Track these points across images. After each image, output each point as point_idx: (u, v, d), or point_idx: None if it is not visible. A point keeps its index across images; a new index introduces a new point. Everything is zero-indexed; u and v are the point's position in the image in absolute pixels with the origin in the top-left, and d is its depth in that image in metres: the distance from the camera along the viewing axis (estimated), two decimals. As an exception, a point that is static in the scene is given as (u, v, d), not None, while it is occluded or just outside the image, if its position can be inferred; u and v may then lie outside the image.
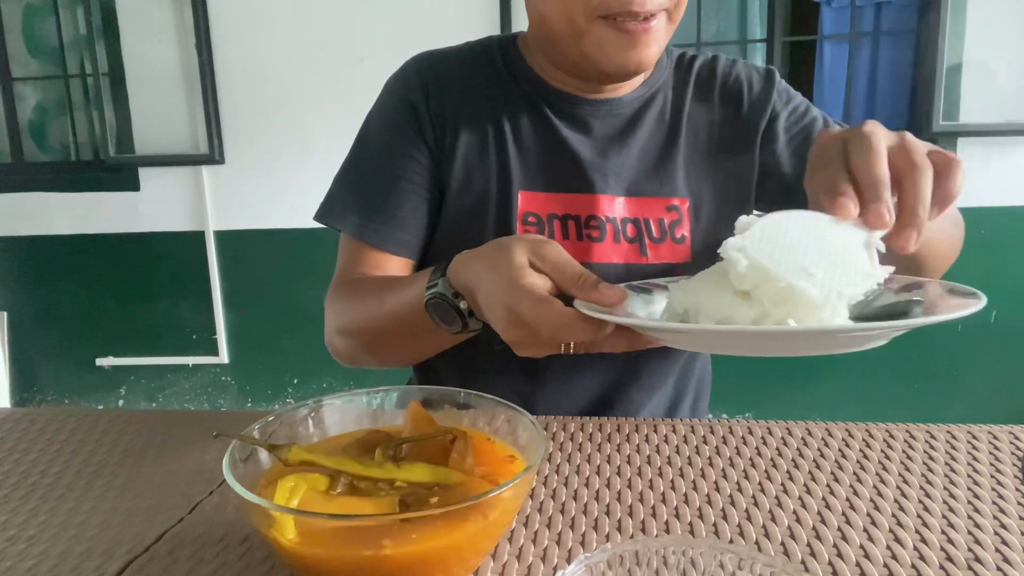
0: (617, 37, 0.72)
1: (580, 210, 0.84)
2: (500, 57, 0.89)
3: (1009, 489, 0.61)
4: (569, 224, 0.83)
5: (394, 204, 0.85)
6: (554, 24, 0.75)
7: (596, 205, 0.84)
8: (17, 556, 0.55)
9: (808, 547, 0.53)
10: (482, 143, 0.85)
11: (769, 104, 0.89)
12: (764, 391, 2.74)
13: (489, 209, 0.84)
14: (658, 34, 0.74)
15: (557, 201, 0.84)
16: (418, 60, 0.89)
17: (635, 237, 0.85)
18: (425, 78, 0.87)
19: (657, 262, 0.85)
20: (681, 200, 0.86)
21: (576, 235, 0.84)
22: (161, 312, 3.17)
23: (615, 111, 0.86)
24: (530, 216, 0.83)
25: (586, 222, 0.83)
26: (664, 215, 0.85)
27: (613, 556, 0.39)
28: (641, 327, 0.53)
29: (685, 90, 0.89)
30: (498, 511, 0.45)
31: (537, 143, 0.85)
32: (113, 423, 0.81)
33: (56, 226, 3.16)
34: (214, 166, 2.99)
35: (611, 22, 0.71)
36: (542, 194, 0.84)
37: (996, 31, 2.66)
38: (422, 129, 0.85)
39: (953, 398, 2.85)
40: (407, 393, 0.59)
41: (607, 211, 0.84)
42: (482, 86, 0.87)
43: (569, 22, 0.73)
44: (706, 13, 2.91)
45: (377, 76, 0.95)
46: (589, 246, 0.84)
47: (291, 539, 0.42)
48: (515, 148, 0.85)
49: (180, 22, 2.92)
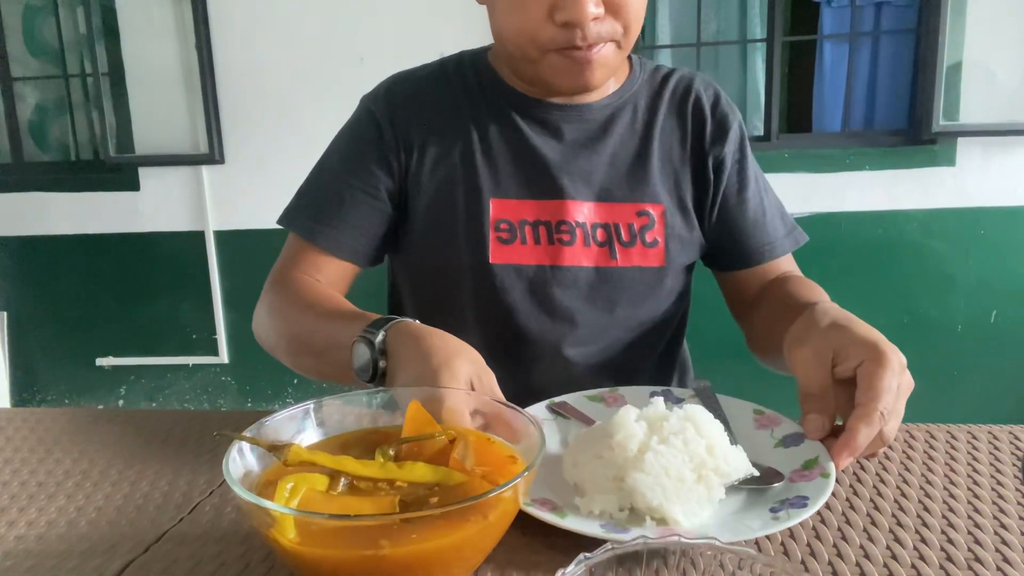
0: (565, 64, 0.78)
1: (550, 215, 0.87)
2: (471, 70, 0.92)
3: (1009, 489, 0.61)
4: (540, 229, 0.87)
5: (346, 210, 0.88)
6: (512, 47, 0.81)
7: (565, 210, 0.87)
8: (18, 556, 0.55)
9: (808, 547, 0.53)
10: (451, 157, 0.88)
11: (726, 141, 0.91)
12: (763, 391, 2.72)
13: (460, 218, 0.87)
14: (606, 59, 0.79)
15: (528, 207, 0.87)
16: (389, 82, 0.93)
17: (605, 241, 0.88)
18: (394, 101, 0.90)
19: (628, 265, 0.88)
20: (654, 206, 0.88)
21: (547, 239, 0.87)
22: (161, 312, 3.17)
23: (585, 116, 0.89)
24: (502, 223, 0.86)
25: (556, 227, 0.87)
26: (634, 220, 0.88)
27: (613, 556, 0.39)
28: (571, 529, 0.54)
29: (659, 101, 0.91)
30: (498, 511, 0.45)
31: (507, 150, 0.88)
32: (113, 423, 0.81)
33: (56, 226, 3.15)
34: (214, 166, 2.99)
35: (560, 52, 0.77)
36: (513, 201, 0.87)
37: (996, 31, 2.66)
38: (386, 149, 0.88)
39: (953, 398, 2.84)
40: (406, 393, 0.59)
41: (576, 216, 0.87)
42: (452, 101, 0.90)
43: (524, 51, 0.79)
44: (706, 13, 2.90)
45: (377, 76, 0.96)
46: (559, 250, 0.87)
47: (291, 539, 0.42)
48: (484, 157, 0.88)
49: (180, 22, 2.92)
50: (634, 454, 0.57)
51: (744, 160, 0.93)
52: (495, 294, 0.88)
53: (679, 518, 0.53)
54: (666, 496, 0.54)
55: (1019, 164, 2.71)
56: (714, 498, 0.56)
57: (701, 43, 2.91)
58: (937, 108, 2.63)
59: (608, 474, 0.57)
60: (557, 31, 0.76)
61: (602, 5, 0.75)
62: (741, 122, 0.94)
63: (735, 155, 0.93)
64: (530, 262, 0.87)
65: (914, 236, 2.78)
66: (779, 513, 0.53)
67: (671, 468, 0.55)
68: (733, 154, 0.92)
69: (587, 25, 0.74)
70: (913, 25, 2.77)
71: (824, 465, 0.59)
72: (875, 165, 2.75)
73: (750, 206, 0.93)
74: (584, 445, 0.61)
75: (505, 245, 0.87)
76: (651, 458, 0.56)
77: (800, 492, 0.56)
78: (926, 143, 2.71)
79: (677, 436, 0.59)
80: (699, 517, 0.54)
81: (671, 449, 0.57)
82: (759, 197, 0.94)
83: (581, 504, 0.56)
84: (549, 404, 0.73)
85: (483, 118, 0.89)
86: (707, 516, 0.55)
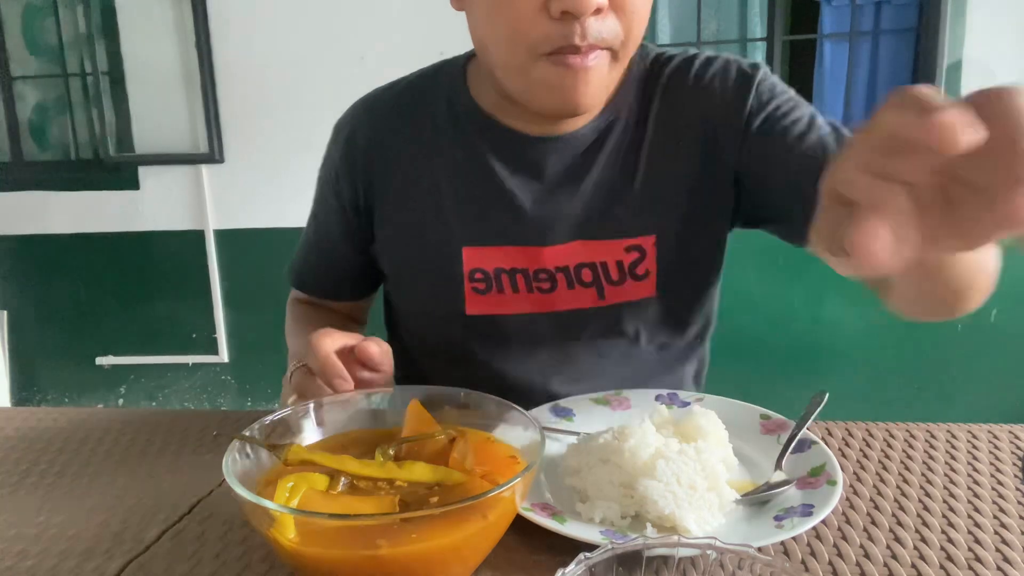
0: (559, 75, 0.68)
1: (527, 263, 0.80)
2: (445, 91, 0.83)
3: (1009, 488, 0.61)
4: (518, 278, 0.80)
5: (322, 264, 0.93)
6: (496, 56, 0.71)
7: (542, 258, 0.79)
8: (17, 556, 0.55)
9: (808, 547, 0.53)
10: (419, 201, 0.82)
11: (744, 109, 0.77)
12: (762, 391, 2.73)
13: (431, 268, 0.82)
14: (600, 72, 0.69)
15: (503, 254, 0.80)
16: (355, 111, 0.87)
17: (591, 281, 0.80)
18: (353, 141, 0.84)
19: (616, 302, 0.81)
20: (645, 238, 0.79)
21: (526, 288, 0.80)
22: (161, 311, 3.17)
23: (570, 146, 0.79)
24: (477, 272, 0.80)
25: (535, 275, 0.80)
26: (623, 256, 0.80)
27: (613, 556, 0.38)
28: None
29: (650, 107, 0.80)
30: (498, 511, 0.45)
31: (479, 195, 0.80)
32: (113, 422, 0.81)
33: (56, 225, 3.15)
34: (214, 165, 2.99)
35: (554, 59, 0.67)
36: (487, 248, 0.80)
37: (996, 30, 2.66)
38: (344, 199, 0.86)
39: (953, 398, 2.84)
40: (406, 392, 0.59)
41: (557, 262, 0.79)
42: (419, 135, 0.82)
43: (512, 57, 0.69)
44: (706, 12, 2.90)
45: (377, 76, 0.95)
46: (540, 298, 0.81)
47: (291, 539, 0.42)
48: (454, 202, 0.81)
49: (180, 21, 2.91)
50: (645, 461, 0.57)
51: (776, 98, 0.78)
52: (474, 343, 0.83)
53: (691, 527, 0.53)
54: (678, 504, 0.53)
55: (1019, 163, 2.71)
56: (726, 506, 0.56)
57: (701, 42, 2.90)
58: (937, 107, 2.63)
59: (615, 481, 0.57)
60: (552, 26, 0.65)
61: None
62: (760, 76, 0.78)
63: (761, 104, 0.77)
64: (510, 312, 0.81)
65: (914, 235, 2.78)
66: (783, 522, 0.53)
67: (682, 476, 0.55)
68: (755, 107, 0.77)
69: (588, 18, 0.65)
70: (913, 24, 2.77)
71: (831, 472, 0.58)
72: (875, 164, 2.75)
73: (804, 115, 0.76)
74: (588, 450, 0.61)
75: (482, 295, 0.81)
76: (663, 465, 0.55)
77: (806, 500, 0.55)
78: None
79: (689, 443, 0.59)
80: (710, 525, 0.54)
81: (682, 456, 0.57)
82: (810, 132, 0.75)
83: (583, 510, 0.56)
84: (553, 407, 0.73)
85: (453, 157, 0.81)
86: (716, 524, 0.55)
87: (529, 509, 0.54)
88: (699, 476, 0.56)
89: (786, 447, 0.63)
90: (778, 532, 0.51)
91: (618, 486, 0.56)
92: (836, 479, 0.57)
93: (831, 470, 0.59)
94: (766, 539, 0.51)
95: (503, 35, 0.68)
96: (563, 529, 0.52)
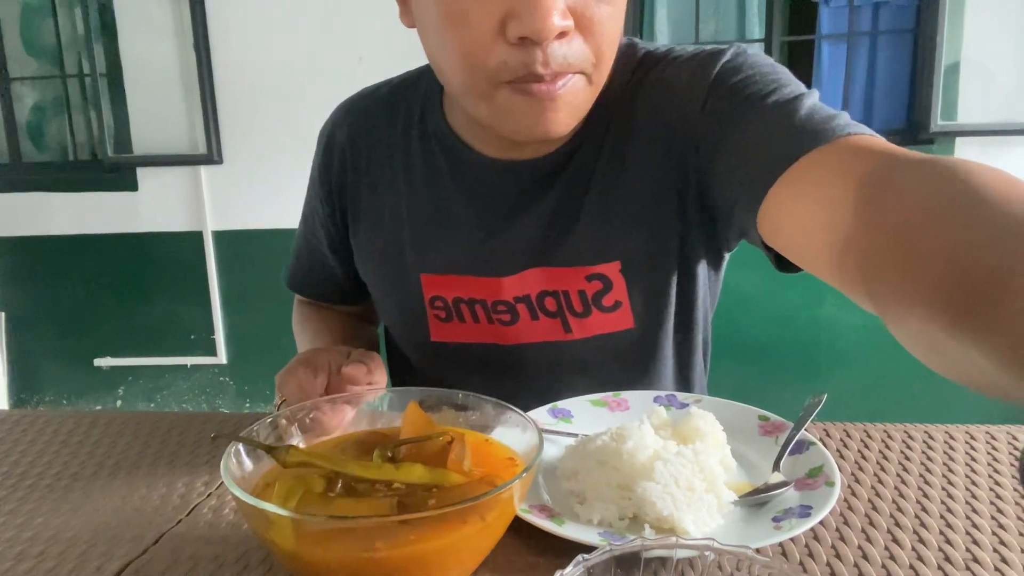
0: (524, 103, 0.60)
1: (485, 294, 0.75)
2: (420, 103, 0.78)
3: (1007, 489, 0.61)
4: (477, 308, 0.76)
5: (314, 270, 0.92)
6: (453, 82, 0.64)
7: (500, 289, 0.75)
8: (16, 557, 0.55)
9: (806, 548, 0.53)
10: (383, 222, 0.79)
11: (704, 92, 0.67)
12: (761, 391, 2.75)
13: (396, 293, 0.81)
14: (572, 98, 0.62)
15: (460, 284, 0.76)
16: (337, 113, 0.85)
17: (556, 311, 0.75)
18: (335, 137, 0.83)
19: (586, 336, 0.75)
20: (609, 265, 0.72)
21: (486, 319, 0.76)
22: (159, 312, 3.17)
23: (530, 171, 0.73)
24: (437, 300, 0.77)
25: (493, 307, 0.75)
26: (584, 286, 0.73)
27: (611, 557, 0.38)
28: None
29: (629, 122, 0.71)
30: (496, 513, 0.45)
31: (436, 221, 0.76)
32: (111, 424, 0.81)
33: (54, 226, 3.15)
34: (212, 166, 2.99)
35: (516, 87, 0.60)
36: (444, 277, 0.76)
37: (994, 31, 2.66)
38: (323, 199, 0.85)
39: (951, 399, 2.85)
40: (404, 394, 0.59)
41: (515, 291, 0.74)
42: (389, 144, 0.79)
43: (470, 83, 0.61)
44: (704, 13, 2.91)
45: (377, 76, 0.95)
46: (503, 330, 0.76)
47: (289, 541, 0.42)
48: (412, 227, 0.77)
49: (178, 22, 2.92)
50: (643, 463, 0.57)
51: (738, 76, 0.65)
52: (445, 369, 0.81)
53: (689, 528, 0.53)
54: (676, 506, 0.53)
55: (1017, 163, 2.71)
56: (724, 507, 0.56)
57: (700, 43, 2.91)
58: (935, 108, 2.63)
59: (612, 483, 0.57)
60: (510, 52, 0.58)
61: (571, 17, 0.58)
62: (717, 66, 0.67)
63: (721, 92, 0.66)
64: (475, 340, 0.78)
65: (912, 236, 2.78)
66: (782, 523, 0.53)
67: (681, 477, 0.55)
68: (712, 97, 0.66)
69: (551, 43, 0.57)
70: (911, 25, 2.77)
71: (829, 473, 0.58)
72: (873, 165, 2.75)
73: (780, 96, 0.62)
74: (586, 452, 0.61)
75: (444, 323, 0.78)
76: (660, 467, 0.56)
77: (804, 501, 0.55)
78: (924, 143, 2.71)
79: (687, 445, 0.59)
80: (709, 527, 0.54)
81: (680, 458, 0.57)
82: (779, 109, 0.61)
83: (580, 512, 0.56)
84: (551, 408, 0.73)
85: (415, 174, 0.77)
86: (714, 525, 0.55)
87: (527, 511, 0.54)
88: (697, 477, 0.56)
89: (784, 448, 0.63)
90: (776, 533, 0.51)
91: (616, 488, 0.56)
92: (834, 480, 0.57)
93: (829, 471, 0.59)
94: (764, 540, 0.51)
95: (457, 62, 0.60)
96: (561, 531, 0.52)
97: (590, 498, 0.57)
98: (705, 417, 0.64)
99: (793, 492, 0.58)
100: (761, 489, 0.58)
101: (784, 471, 0.61)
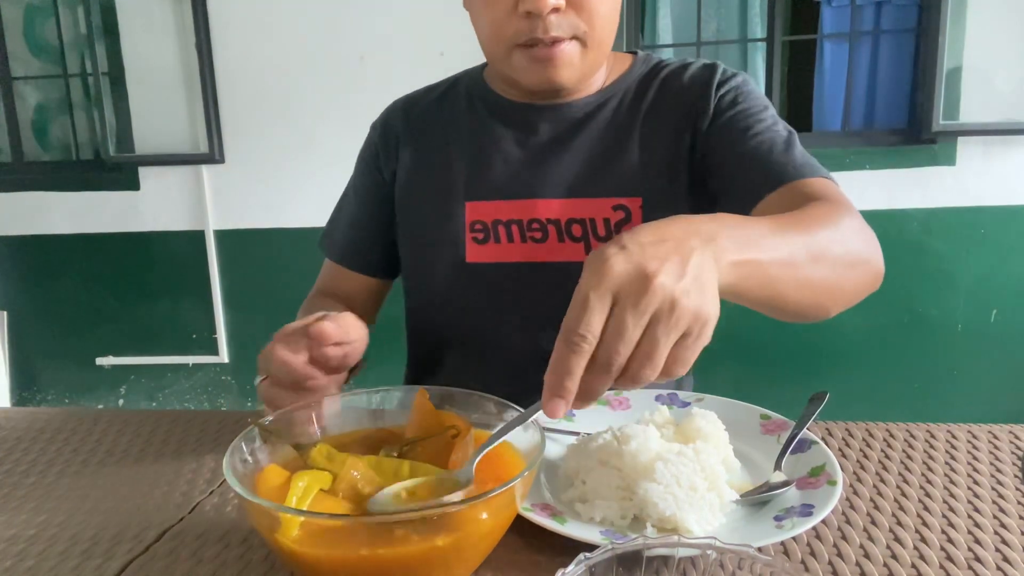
0: (531, 62, 0.82)
1: (521, 214, 0.89)
2: (464, 87, 0.98)
3: (1009, 488, 0.61)
4: (513, 228, 0.90)
5: (353, 227, 1.01)
6: (486, 48, 0.87)
7: (535, 208, 0.89)
8: (17, 556, 0.55)
9: (808, 547, 0.53)
10: (433, 167, 0.94)
11: (713, 101, 0.88)
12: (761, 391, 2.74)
13: (439, 222, 0.92)
14: (571, 57, 0.82)
15: (501, 207, 0.90)
16: (393, 106, 1.01)
17: (581, 236, 0.88)
18: (391, 120, 0.99)
19: None
20: (631, 199, 0.88)
21: (520, 237, 0.90)
22: (161, 311, 3.16)
23: (564, 115, 0.91)
24: (477, 224, 0.90)
25: (528, 225, 0.89)
26: (610, 214, 0.88)
27: (613, 556, 0.39)
28: None
29: (645, 96, 0.91)
30: (498, 511, 0.45)
31: (482, 155, 0.92)
32: (113, 422, 0.81)
33: (56, 225, 3.15)
34: (214, 165, 2.99)
35: (525, 49, 0.81)
36: (487, 202, 0.91)
37: (996, 31, 2.66)
38: (380, 167, 0.98)
39: (953, 398, 2.84)
40: (409, 392, 0.59)
41: (547, 214, 0.89)
42: (442, 116, 0.97)
43: (495, 48, 0.84)
44: (706, 12, 2.90)
45: (377, 75, 0.96)
46: (533, 247, 0.89)
47: (291, 539, 0.42)
48: (462, 163, 0.92)
49: (180, 21, 2.91)
50: (645, 464, 0.57)
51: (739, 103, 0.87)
52: (473, 291, 0.91)
53: (692, 527, 0.53)
54: (678, 506, 0.53)
55: (1019, 163, 2.71)
56: (726, 506, 0.56)
57: (701, 42, 2.90)
58: (937, 107, 2.63)
59: (613, 483, 0.57)
60: (521, 23, 0.79)
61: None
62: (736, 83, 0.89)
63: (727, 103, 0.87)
64: (505, 259, 0.90)
65: (914, 235, 2.77)
66: (784, 522, 0.53)
67: (682, 477, 0.55)
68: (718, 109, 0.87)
69: (546, 16, 0.77)
70: (913, 24, 2.77)
71: (831, 472, 0.58)
72: (875, 164, 2.74)
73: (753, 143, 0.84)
74: (588, 452, 0.61)
75: (480, 245, 0.90)
76: (662, 468, 0.56)
77: (806, 500, 0.56)
78: (926, 142, 2.71)
79: (688, 445, 0.59)
80: (711, 526, 0.54)
81: (682, 458, 0.57)
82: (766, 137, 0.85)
83: (582, 510, 0.56)
84: None
85: (466, 126, 0.94)
86: (717, 524, 0.55)
87: (529, 509, 0.54)
88: (699, 477, 0.56)
89: (786, 447, 0.63)
90: (778, 532, 0.51)
91: (617, 489, 0.56)
92: (836, 479, 0.57)
93: (831, 470, 0.59)
94: (766, 539, 0.51)
95: (487, 31, 0.84)
96: (563, 529, 0.52)
97: (592, 497, 0.57)
98: (707, 416, 0.64)
99: (795, 491, 0.57)
100: (763, 488, 0.58)
101: (786, 470, 0.61)
